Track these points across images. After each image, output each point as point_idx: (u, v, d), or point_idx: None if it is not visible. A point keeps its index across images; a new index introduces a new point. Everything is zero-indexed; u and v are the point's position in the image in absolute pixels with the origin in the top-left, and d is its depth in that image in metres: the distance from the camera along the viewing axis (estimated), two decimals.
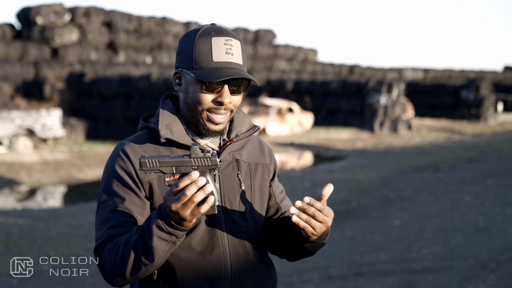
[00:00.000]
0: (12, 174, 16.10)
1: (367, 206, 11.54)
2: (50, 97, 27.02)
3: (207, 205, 1.95)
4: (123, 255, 2.08)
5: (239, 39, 2.22)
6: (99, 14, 34.26)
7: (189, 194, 1.92)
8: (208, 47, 2.16)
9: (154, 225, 2.02)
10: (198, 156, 1.97)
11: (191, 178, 1.92)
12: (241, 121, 2.40)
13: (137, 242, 2.06)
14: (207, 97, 2.19)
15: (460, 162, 18.66)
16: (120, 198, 2.21)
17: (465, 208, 11.04)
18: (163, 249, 2.05)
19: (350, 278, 6.98)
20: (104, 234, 2.19)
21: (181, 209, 1.95)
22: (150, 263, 2.07)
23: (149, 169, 1.99)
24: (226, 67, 2.15)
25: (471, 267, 7.27)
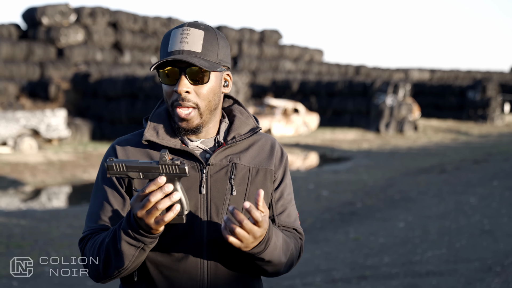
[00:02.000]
0: (16, 174, 16.08)
1: (372, 207, 11.47)
2: (55, 98, 27.02)
3: (172, 213, 1.89)
4: (98, 255, 2.08)
5: (204, 29, 2.15)
6: (105, 14, 34.24)
7: (153, 200, 1.87)
8: (167, 40, 2.14)
9: (122, 230, 2.00)
10: (166, 163, 1.91)
11: (157, 183, 1.88)
12: (243, 123, 2.30)
13: (109, 244, 2.04)
14: (167, 90, 2.15)
15: (466, 163, 18.57)
16: (105, 194, 2.19)
17: (470, 210, 10.95)
18: (132, 253, 2.01)
19: (353, 281, 6.91)
20: (87, 229, 2.19)
21: (145, 216, 1.90)
22: (121, 266, 2.05)
23: (116, 173, 1.96)
24: (176, 55, 2.09)
25: (475, 270, 7.19)
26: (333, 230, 9.60)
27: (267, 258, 2.09)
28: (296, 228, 2.34)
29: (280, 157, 2.33)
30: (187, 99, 2.11)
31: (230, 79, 2.25)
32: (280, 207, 2.31)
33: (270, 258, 2.10)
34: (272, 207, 2.30)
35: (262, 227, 1.97)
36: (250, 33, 44.00)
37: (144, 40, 35.63)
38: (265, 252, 2.07)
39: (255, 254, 2.06)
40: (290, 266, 2.28)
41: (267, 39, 45.17)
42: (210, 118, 2.20)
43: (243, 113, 2.34)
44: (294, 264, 2.30)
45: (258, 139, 2.33)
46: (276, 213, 2.30)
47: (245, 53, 42.62)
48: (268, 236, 2.05)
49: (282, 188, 2.32)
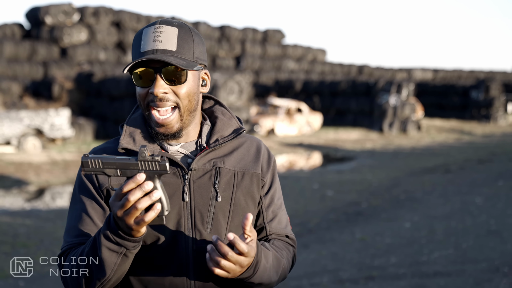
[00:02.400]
0: (20, 174, 16.07)
1: (377, 207, 11.44)
2: (58, 97, 27.03)
3: (153, 212, 1.75)
4: (78, 268, 1.92)
5: (178, 26, 2.02)
6: (108, 14, 34.27)
7: (132, 199, 1.73)
8: (139, 39, 2.01)
9: (102, 235, 1.85)
10: (145, 160, 1.77)
11: (136, 181, 1.74)
12: (225, 124, 2.17)
13: (89, 253, 1.89)
14: (141, 91, 2.02)
15: (470, 163, 18.54)
16: (83, 206, 2.05)
17: (476, 210, 10.92)
18: (113, 261, 1.86)
19: (361, 281, 6.89)
20: (66, 244, 2.03)
21: (125, 216, 1.76)
22: (103, 277, 1.89)
23: (91, 169, 1.82)
24: (150, 55, 1.96)
25: (483, 271, 7.17)
26: (339, 230, 9.58)
27: (257, 281, 1.99)
28: (288, 235, 2.23)
29: (267, 159, 2.21)
30: (166, 99, 1.98)
31: (208, 77, 2.13)
32: (270, 213, 2.19)
33: (260, 281, 2.00)
34: (262, 214, 2.18)
35: (248, 256, 1.87)
36: (253, 33, 43.97)
37: None
38: (255, 277, 1.97)
39: (244, 279, 1.96)
40: (283, 278, 2.17)
41: (270, 38, 45.14)
42: (189, 120, 2.07)
43: (226, 114, 2.22)
44: (286, 275, 2.20)
45: (243, 142, 2.20)
46: (267, 220, 2.18)
47: (248, 52, 42.60)
48: (257, 260, 1.94)
49: (272, 193, 2.20)
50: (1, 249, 8.29)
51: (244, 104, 23.76)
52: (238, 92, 22.46)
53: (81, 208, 2.04)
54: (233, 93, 22.61)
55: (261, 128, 26.23)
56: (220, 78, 23.46)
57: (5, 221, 10.32)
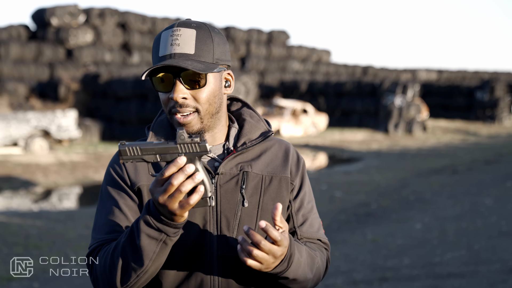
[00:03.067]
0: (28, 175, 16.10)
1: (387, 208, 11.45)
2: (65, 98, 27.07)
3: (197, 195, 1.71)
4: (112, 261, 1.87)
5: (196, 27, 1.97)
6: (114, 15, 34.32)
7: (176, 183, 1.69)
8: (157, 43, 1.99)
9: (142, 221, 1.80)
10: (185, 142, 1.74)
11: (177, 164, 1.70)
12: (253, 127, 2.13)
13: (125, 244, 1.84)
14: (163, 96, 1.99)
15: (477, 164, 18.54)
16: (115, 202, 2.02)
17: (486, 211, 10.92)
18: (152, 249, 1.81)
19: (375, 283, 6.89)
20: (96, 240, 2.00)
21: (168, 201, 1.72)
22: (139, 267, 1.83)
23: (129, 157, 1.78)
24: (167, 59, 1.93)
25: (496, 272, 7.17)
26: (350, 231, 9.59)
27: (292, 276, 1.93)
28: (320, 239, 2.16)
29: (296, 162, 2.16)
30: (185, 105, 1.95)
31: (231, 78, 2.08)
32: (301, 217, 2.12)
33: (294, 276, 1.93)
34: (292, 218, 2.12)
35: (282, 245, 1.81)
36: (258, 34, 44.00)
37: (152, 41, 35.62)
38: (289, 271, 1.90)
39: (278, 274, 1.89)
40: (318, 280, 2.10)
41: (275, 39, 45.16)
42: (213, 123, 2.04)
43: (254, 116, 2.18)
44: (321, 277, 2.13)
45: (271, 145, 2.15)
46: (297, 225, 2.12)
47: (253, 53, 42.63)
48: (290, 253, 1.88)
49: (301, 196, 2.14)
50: (14, 251, 8.31)
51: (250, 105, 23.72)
52: (244, 93, 22.46)
53: (113, 205, 2.02)
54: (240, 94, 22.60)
55: None
56: None
57: (15, 222, 10.35)
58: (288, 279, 1.93)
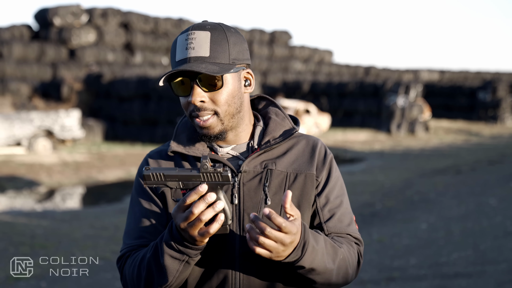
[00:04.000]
0: (32, 175, 16.12)
1: (392, 209, 11.46)
2: (68, 98, 27.11)
3: (217, 224, 1.76)
4: (139, 272, 1.95)
5: (211, 29, 1.98)
6: (116, 15, 34.37)
7: (196, 212, 1.74)
8: (174, 49, 2.00)
9: (165, 243, 1.87)
10: (208, 171, 1.78)
11: (198, 192, 1.75)
12: (278, 125, 2.12)
13: (150, 260, 1.92)
14: (183, 101, 2.01)
15: (481, 164, 18.53)
16: (142, 208, 2.07)
17: (491, 211, 10.92)
18: (176, 268, 1.88)
19: (382, 282, 6.90)
20: (126, 246, 2.06)
21: (189, 228, 1.78)
22: (164, 283, 1.91)
23: (153, 183, 1.83)
24: (183, 64, 1.95)
25: (503, 272, 7.17)
26: None
27: (308, 265, 1.88)
28: (350, 233, 2.10)
29: (323, 158, 2.12)
30: (204, 108, 1.97)
31: (252, 77, 2.07)
32: (327, 213, 2.08)
33: (311, 265, 1.88)
34: (318, 214, 2.08)
35: (289, 233, 1.77)
36: (260, 34, 44.04)
37: (155, 41, 35.69)
38: (304, 259, 1.86)
39: (292, 263, 1.86)
40: (345, 274, 2.02)
41: (277, 40, 45.20)
42: (235, 123, 2.04)
43: (279, 114, 2.16)
44: (350, 271, 2.04)
45: (297, 142, 2.14)
46: (324, 220, 2.07)
47: (255, 54, 42.66)
48: (304, 241, 1.84)
49: (327, 192, 2.09)
50: (20, 250, 8.32)
51: None
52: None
53: (140, 210, 2.06)
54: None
55: None
56: None
57: (21, 222, 10.37)
58: (304, 268, 1.89)
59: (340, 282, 2.01)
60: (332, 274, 1.96)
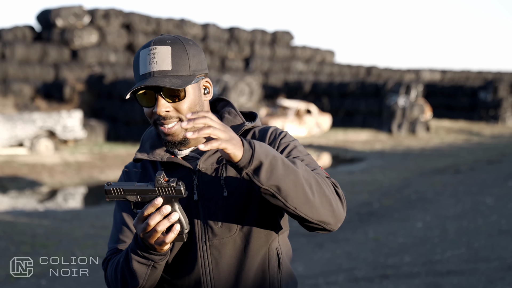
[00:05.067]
0: (34, 175, 16.25)
1: (389, 208, 11.57)
2: (70, 99, 27.23)
3: (172, 234, 1.91)
4: (116, 275, 2.13)
5: (171, 44, 2.08)
6: (118, 16, 34.47)
7: (152, 223, 1.89)
8: (137, 62, 2.10)
9: (131, 251, 2.04)
10: (162, 186, 1.92)
11: (154, 205, 1.90)
12: (230, 122, 2.24)
13: (123, 265, 2.08)
14: (147, 112, 2.12)
15: (480, 164, 18.62)
16: (121, 215, 2.24)
17: (487, 210, 11.03)
18: (144, 272, 2.05)
19: (376, 280, 7.02)
20: (109, 250, 2.25)
21: (147, 238, 1.93)
22: (136, 285, 2.09)
23: (114, 197, 1.99)
24: (147, 78, 2.05)
25: (495, 269, 7.28)
26: (352, 230, 9.71)
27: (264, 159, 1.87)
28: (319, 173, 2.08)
29: (274, 137, 2.21)
30: (169, 117, 2.08)
31: (210, 85, 2.19)
32: None
33: (267, 158, 1.87)
34: None
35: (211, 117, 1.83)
36: (262, 34, 44.13)
37: None
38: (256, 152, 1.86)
39: (249, 163, 1.86)
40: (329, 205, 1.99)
41: (279, 40, 45.28)
42: None
43: (231, 112, 2.28)
44: (326, 190, 2.00)
45: (252, 134, 2.25)
46: None
47: (257, 54, 42.76)
48: (248, 139, 1.92)
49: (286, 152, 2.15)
50: (21, 249, 8.44)
51: (254, 105, 23.91)
52: (248, 93, 22.60)
53: (120, 218, 2.25)
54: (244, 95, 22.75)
55: None
56: (231, 79, 23.61)
57: (22, 221, 10.49)
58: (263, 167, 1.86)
59: (319, 200, 1.97)
60: (300, 176, 1.93)
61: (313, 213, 1.96)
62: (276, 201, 1.92)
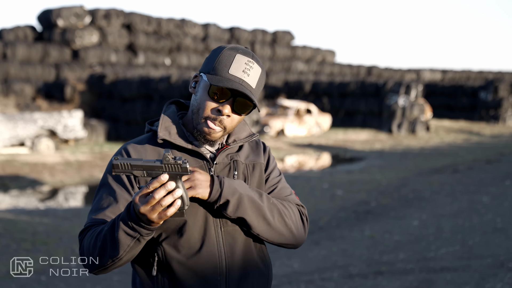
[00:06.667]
0: (35, 174, 16.36)
1: (386, 206, 11.66)
2: (71, 99, 27.34)
3: (173, 208, 2.04)
4: (95, 243, 2.21)
5: (263, 68, 2.37)
6: (119, 16, 34.55)
7: (157, 197, 2.02)
8: (230, 60, 2.31)
9: (121, 220, 2.13)
10: (169, 163, 2.03)
11: (160, 181, 2.02)
12: (241, 129, 2.52)
13: (107, 233, 2.18)
14: (209, 104, 2.32)
15: (478, 163, 18.70)
16: (113, 192, 2.34)
17: (483, 208, 11.13)
18: (127, 243, 2.14)
19: (370, 276, 7.13)
20: (90, 221, 2.32)
21: (149, 212, 2.05)
22: (115, 255, 2.18)
23: (121, 171, 2.07)
24: (237, 83, 2.28)
25: (488, 266, 7.39)
26: (348, 228, 9.82)
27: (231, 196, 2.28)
28: (290, 201, 2.54)
29: (264, 151, 2.60)
30: (222, 121, 2.33)
31: None
32: (270, 187, 2.54)
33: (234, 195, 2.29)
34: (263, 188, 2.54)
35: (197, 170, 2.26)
36: (262, 34, 44.23)
37: (158, 42, 35.91)
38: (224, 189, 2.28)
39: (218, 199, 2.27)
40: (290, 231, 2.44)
41: (279, 40, 45.37)
42: None
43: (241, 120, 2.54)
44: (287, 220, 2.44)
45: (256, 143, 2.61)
46: (267, 192, 2.53)
47: (257, 54, 42.80)
48: (219, 177, 2.30)
49: (268, 172, 2.56)
50: (22, 246, 8.54)
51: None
52: None
53: (111, 192, 2.35)
54: None
55: (271, 129, 26.45)
56: None
57: (23, 219, 10.59)
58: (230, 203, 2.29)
59: (280, 227, 2.42)
60: (264, 209, 2.37)
61: (274, 238, 2.42)
62: (243, 226, 2.37)
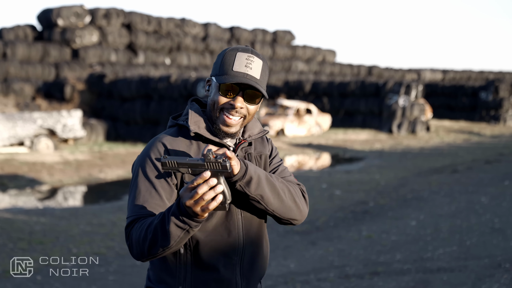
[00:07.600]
0: (34, 173, 16.35)
1: (384, 206, 11.65)
2: (70, 98, 27.33)
3: (215, 202, 2.27)
4: (145, 235, 2.43)
5: (263, 59, 2.62)
6: (119, 15, 34.52)
7: (200, 192, 2.25)
8: (232, 59, 2.57)
9: (172, 214, 2.35)
10: (211, 161, 2.28)
11: (203, 177, 2.26)
12: (253, 125, 2.78)
13: (157, 226, 2.39)
14: (222, 100, 2.58)
15: (477, 163, 18.69)
16: (152, 183, 2.56)
17: (481, 209, 11.12)
18: (178, 235, 2.37)
19: (366, 276, 7.11)
20: (134, 213, 2.54)
21: (193, 205, 2.28)
22: (166, 245, 2.40)
23: (168, 168, 2.34)
24: (242, 77, 2.54)
25: (485, 266, 7.38)
26: (346, 228, 9.80)
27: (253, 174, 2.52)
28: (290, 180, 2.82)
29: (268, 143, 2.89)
30: (239, 112, 2.59)
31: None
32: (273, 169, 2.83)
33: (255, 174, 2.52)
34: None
35: None
36: (263, 34, 44.20)
37: (158, 41, 35.89)
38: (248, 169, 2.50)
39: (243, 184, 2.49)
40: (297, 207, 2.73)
41: (279, 39, 45.35)
42: None
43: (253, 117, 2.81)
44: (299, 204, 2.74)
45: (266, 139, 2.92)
46: None
47: None
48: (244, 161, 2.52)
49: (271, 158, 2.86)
50: (18, 246, 8.54)
51: None
52: None
53: (151, 185, 2.56)
54: None
55: (271, 129, 26.43)
56: None
57: (20, 219, 10.58)
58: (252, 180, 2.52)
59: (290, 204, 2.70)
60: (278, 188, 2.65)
61: (286, 214, 2.69)
62: (260, 205, 2.60)
